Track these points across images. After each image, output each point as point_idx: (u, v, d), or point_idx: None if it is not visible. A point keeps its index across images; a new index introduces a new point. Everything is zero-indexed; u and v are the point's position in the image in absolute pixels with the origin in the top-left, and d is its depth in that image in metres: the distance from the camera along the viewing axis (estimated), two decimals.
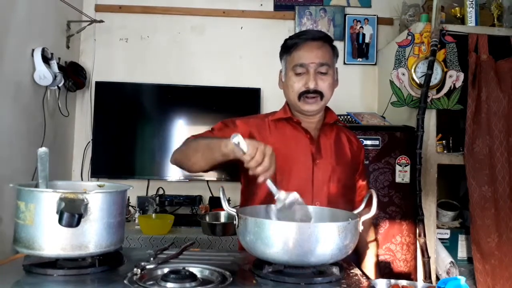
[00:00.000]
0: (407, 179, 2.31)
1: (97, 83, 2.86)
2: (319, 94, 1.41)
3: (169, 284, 0.92)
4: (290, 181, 1.39)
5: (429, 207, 2.36)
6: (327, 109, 1.53)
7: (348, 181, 1.48)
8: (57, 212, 0.94)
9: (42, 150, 1.03)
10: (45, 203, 0.96)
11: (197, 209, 2.77)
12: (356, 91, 3.04)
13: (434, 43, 2.35)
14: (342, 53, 3.01)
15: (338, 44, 3.00)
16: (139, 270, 0.97)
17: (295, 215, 1.14)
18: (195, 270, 1.02)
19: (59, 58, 2.54)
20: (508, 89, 2.38)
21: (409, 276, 2.25)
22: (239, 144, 1.11)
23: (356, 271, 1.11)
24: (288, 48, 1.45)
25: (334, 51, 1.48)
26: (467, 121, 2.37)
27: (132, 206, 2.74)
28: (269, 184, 1.14)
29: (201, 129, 2.83)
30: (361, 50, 3.03)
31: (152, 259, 1.07)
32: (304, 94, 1.41)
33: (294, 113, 1.49)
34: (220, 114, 2.86)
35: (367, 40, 3.03)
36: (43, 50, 2.29)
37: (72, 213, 0.92)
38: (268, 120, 1.50)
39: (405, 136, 2.35)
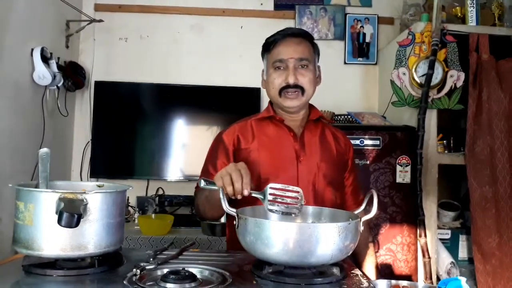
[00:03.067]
0: (407, 179, 2.30)
1: (97, 83, 2.85)
2: (299, 89, 1.41)
3: (168, 285, 0.92)
4: (275, 180, 1.39)
5: (429, 207, 2.35)
6: (311, 107, 1.54)
7: (334, 178, 1.47)
8: (56, 213, 0.93)
9: (44, 150, 1.03)
10: (44, 203, 0.95)
11: None
12: (357, 90, 3.03)
13: (435, 42, 2.34)
14: (343, 52, 3.02)
15: (339, 44, 3.05)
16: (139, 271, 0.97)
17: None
18: (195, 270, 1.02)
19: (58, 58, 2.54)
20: (509, 89, 2.38)
21: (410, 276, 2.25)
22: (208, 184, 1.16)
23: (357, 271, 1.10)
24: (268, 45, 1.47)
25: (315, 48, 1.49)
26: (468, 121, 2.36)
27: (131, 207, 2.73)
28: (255, 195, 1.16)
29: (200, 129, 2.89)
30: (361, 50, 3.02)
31: (151, 259, 1.06)
32: (284, 89, 1.41)
33: (277, 111, 1.50)
34: (219, 114, 2.86)
35: (367, 40, 3.02)
36: (42, 50, 2.29)
37: (71, 213, 0.92)
38: (250, 121, 1.51)
39: (406, 136, 2.34)
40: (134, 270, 0.97)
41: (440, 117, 2.42)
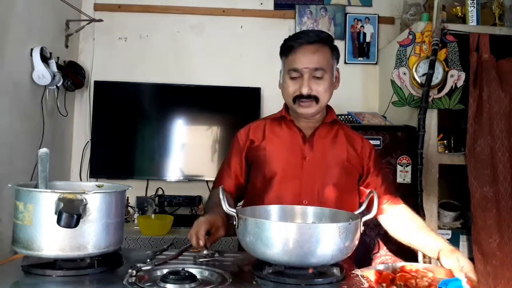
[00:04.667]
0: (408, 179, 2.30)
1: (96, 83, 2.85)
2: (313, 98, 1.40)
3: (168, 285, 0.92)
4: (279, 179, 1.42)
5: (430, 207, 2.35)
6: (328, 108, 1.53)
7: (341, 179, 1.45)
8: (55, 213, 0.93)
9: (43, 150, 1.03)
10: (44, 203, 0.95)
11: (196, 209, 2.76)
12: (357, 90, 3.03)
13: (435, 42, 2.34)
14: (343, 52, 3.01)
15: (339, 43, 2.97)
16: (134, 272, 0.97)
17: None
18: (195, 271, 1.02)
19: (58, 58, 2.53)
20: (509, 89, 2.38)
21: None
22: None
23: (357, 271, 1.10)
24: (285, 50, 1.45)
25: (334, 52, 1.46)
26: (469, 121, 2.36)
27: (131, 207, 2.73)
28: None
29: (200, 129, 2.89)
30: (362, 49, 3.02)
31: (148, 260, 1.06)
32: (298, 98, 1.41)
33: (290, 112, 1.51)
34: (219, 114, 2.86)
35: (368, 39, 3.02)
36: (41, 50, 2.28)
37: (70, 213, 0.92)
38: (265, 121, 1.54)
39: (406, 136, 2.35)
40: (130, 270, 0.97)
41: (440, 117, 2.42)
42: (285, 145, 1.46)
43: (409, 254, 2.28)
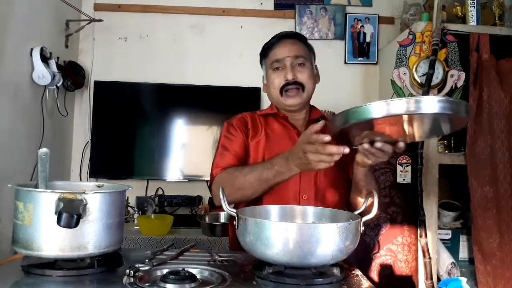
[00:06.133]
0: (408, 179, 2.30)
1: (96, 83, 2.85)
2: (299, 85, 1.44)
3: (168, 285, 0.92)
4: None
5: (430, 207, 2.34)
6: (311, 107, 1.57)
7: (336, 176, 1.47)
8: (55, 213, 0.93)
9: (43, 151, 1.03)
10: (44, 203, 0.95)
11: (196, 209, 2.76)
12: (357, 90, 3.03)
13: (435, 42, 2.34)
14: (343, 52, 3.01)
15: (339, 43, 3.05)
16: (132, 272, 0.97)
17: None
18: (195, 271, 1.02)
19: (58, 58, 2.53)
20: (509, 89, 2.38)
21: (410, 277, 2.24)
22: None
23: (357, 271, 1.10)
24: (265, 51, 1.53)
25: (310, 49, 1.54)
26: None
27: (131, 207, 2.73)
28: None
29: (200, 129, 2.89)
30: (362, 49, 3.02)
31: (147, 260, 1.06)
32: (285, 88, 1.44)
33: (280, 111, 1.54)
34: (219, 114, 2.85)
35: (368, 39, 3.02)
36: (41, 50, 2.28)
37: (70, 213, 0.92)
38: (257, 114, 1.55)
39: None
40: (127, 271, 0.97)
41: None
42: (282, 142, 1.47)
43: (409, 254, 2.28)
